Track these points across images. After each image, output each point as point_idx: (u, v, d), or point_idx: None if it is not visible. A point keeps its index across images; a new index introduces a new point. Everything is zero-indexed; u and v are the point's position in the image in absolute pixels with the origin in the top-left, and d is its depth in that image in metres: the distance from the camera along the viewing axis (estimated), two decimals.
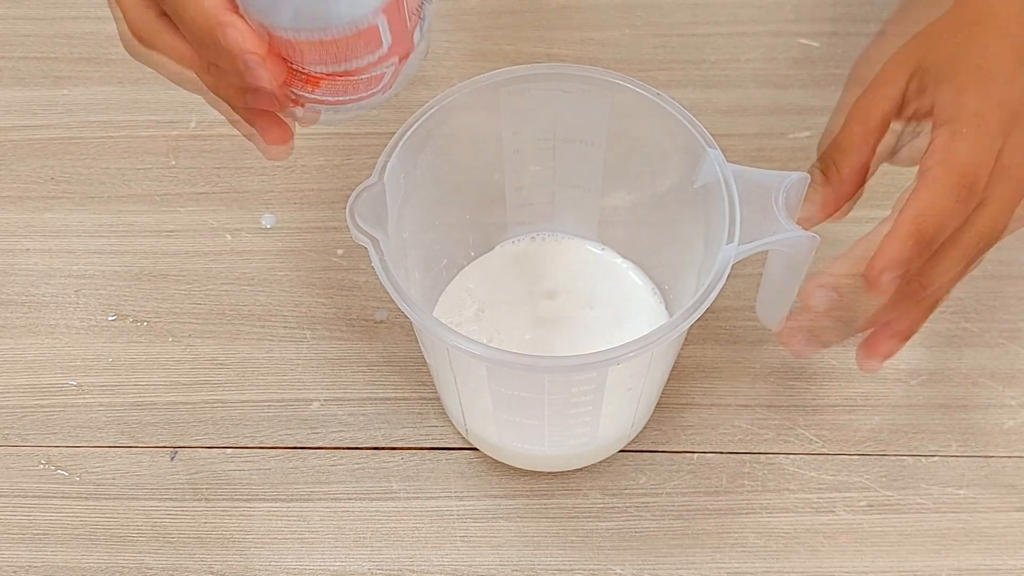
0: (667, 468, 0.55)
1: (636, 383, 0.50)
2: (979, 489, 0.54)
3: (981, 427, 0.56)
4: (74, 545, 0.53)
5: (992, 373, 0.57)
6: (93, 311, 0.59)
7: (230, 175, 0.63)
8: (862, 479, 0.54)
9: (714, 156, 0.47)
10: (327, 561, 0.53)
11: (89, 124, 0.65)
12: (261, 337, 0.58)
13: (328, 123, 0.43)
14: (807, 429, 0.56)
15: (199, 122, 0.65)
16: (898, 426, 0.56)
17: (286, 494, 0.54)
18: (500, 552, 0.53)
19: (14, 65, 0.67)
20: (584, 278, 0.57)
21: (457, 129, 0.50)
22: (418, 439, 0.56)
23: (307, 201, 0.62)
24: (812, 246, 0.46)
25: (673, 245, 0.53)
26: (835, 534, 0.53)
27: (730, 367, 0.57)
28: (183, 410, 0.57)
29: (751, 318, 0.54)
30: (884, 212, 0.45)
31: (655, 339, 0.44)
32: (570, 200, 0.56)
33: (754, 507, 0.54)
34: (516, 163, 0.53)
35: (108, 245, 0.61)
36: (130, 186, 0.63)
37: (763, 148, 0.63)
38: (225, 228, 0.62)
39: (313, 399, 0.57)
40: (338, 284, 0.60)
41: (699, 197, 0.48)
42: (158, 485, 0.55)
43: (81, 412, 0.57)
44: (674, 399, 0.56)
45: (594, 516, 0.54)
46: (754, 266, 0.50)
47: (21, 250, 0.61)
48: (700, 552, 0.53)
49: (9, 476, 0.55)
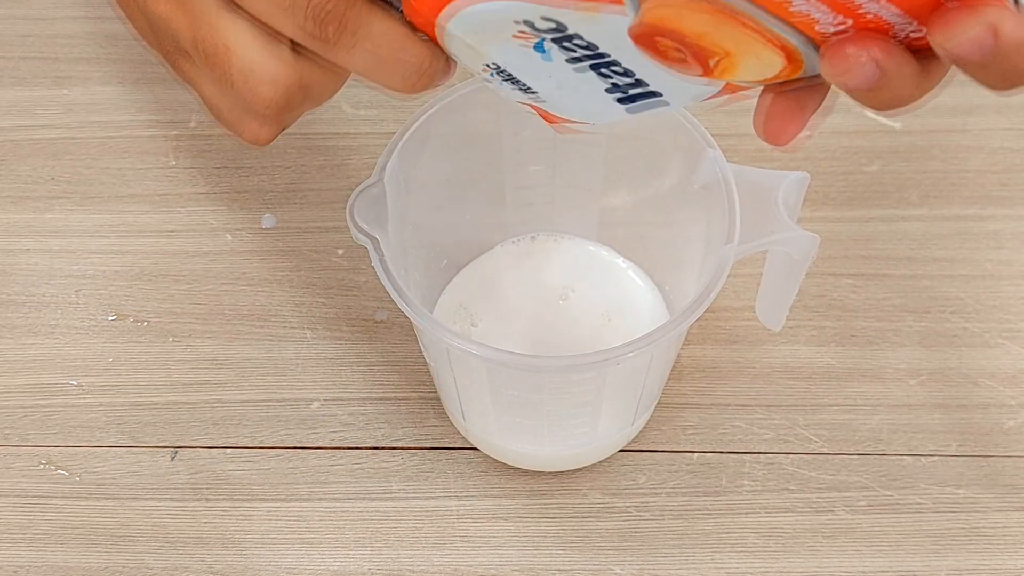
0: (667, 468, 0.55)
1: (636, 383, 0.50)
2: (979, 489, 0.54)
3: (981, 427, 0.56)
4: (74, 545, 0.53)
5: (992, 373, 0.57)
6: (93, 311, 0.59)
7: (230, 175, 0.63)
8: (862, 479, 0.54)
9: (714, 156, 0.47)
10: (327, 561, 0.53)
11: (89, 124, 0.65)
12: (261, 337, 0.58)
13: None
14: (807, 429, 0.56)
15: (199, 122, 0.65)
16: (898, 426, 0.56)
17: (286, 494, 0.54)
18: (500, 552, 0.53)
19: (14, 65, 0.67)
20: (584, 278, 0.57)
21: (457, 129, 0.50)
22: (418, 439, 0.56)
23: (307, 201, 0.62)
24: (812, 246, 0.46)
25: (673, 245, 0.53)
26: (835, 534, 0.53)
27: (730, 367, 0.57)
28: (183, 410, 0.57)
29: (751, 318, 0.54)
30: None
31: (655, 339, 0.44)
32: (570, 200, 0.56)
33: (754, 507, 0.54)
34: (516, 163, 0.53)
35: (108, 245, 0.61)
36: (130, 186, 0.63)
37: (763, 148, 0.62)
38: (225, 228, 0.62)
39: (313, 399, 0.57)
40: (338, 284, 0.60)
41: (699, 197, 0.48)
42: (158, 485, 0.55)
43: (81, 412, 0.57)
44: (674, 399, 0.56)
45: (594, 516, 0.54)
46: (754, 266, 0.50)
47: (21, 250, 0.61)
48: (700, 552, 0.53)
49: (9, 476, 0.55)
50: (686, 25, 0.33)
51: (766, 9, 0.32)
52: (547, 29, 0.35)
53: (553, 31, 0.35)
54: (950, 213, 0.61)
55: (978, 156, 0.63)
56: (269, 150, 0.64)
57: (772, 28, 0.33)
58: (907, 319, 0.58)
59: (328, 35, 0.35)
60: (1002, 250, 0.60)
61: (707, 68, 0.35)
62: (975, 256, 0.60)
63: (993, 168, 0.63)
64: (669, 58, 0.35)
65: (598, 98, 0.38)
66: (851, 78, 0.33)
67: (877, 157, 0.63)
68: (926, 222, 0.61)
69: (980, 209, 0.61)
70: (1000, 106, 0.65)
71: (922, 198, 0.62)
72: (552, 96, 0.39)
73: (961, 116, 0.64)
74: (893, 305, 0.59)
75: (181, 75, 0.40)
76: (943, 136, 0.64)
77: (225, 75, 0.37)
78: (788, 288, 0.49)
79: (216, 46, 0.36)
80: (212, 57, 0.37)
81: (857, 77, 0.33)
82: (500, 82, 0.39)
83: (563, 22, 0.34)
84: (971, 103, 0.64)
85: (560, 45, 0.36)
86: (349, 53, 0.36)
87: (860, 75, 0.33)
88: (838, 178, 0.62)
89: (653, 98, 0.38)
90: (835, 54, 0.33)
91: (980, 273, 0.60)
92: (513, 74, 0.38)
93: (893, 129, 0.64)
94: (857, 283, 0.59)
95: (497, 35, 0.36)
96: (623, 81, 0.37)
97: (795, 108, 0.37)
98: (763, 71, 0.35)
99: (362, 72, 0.37)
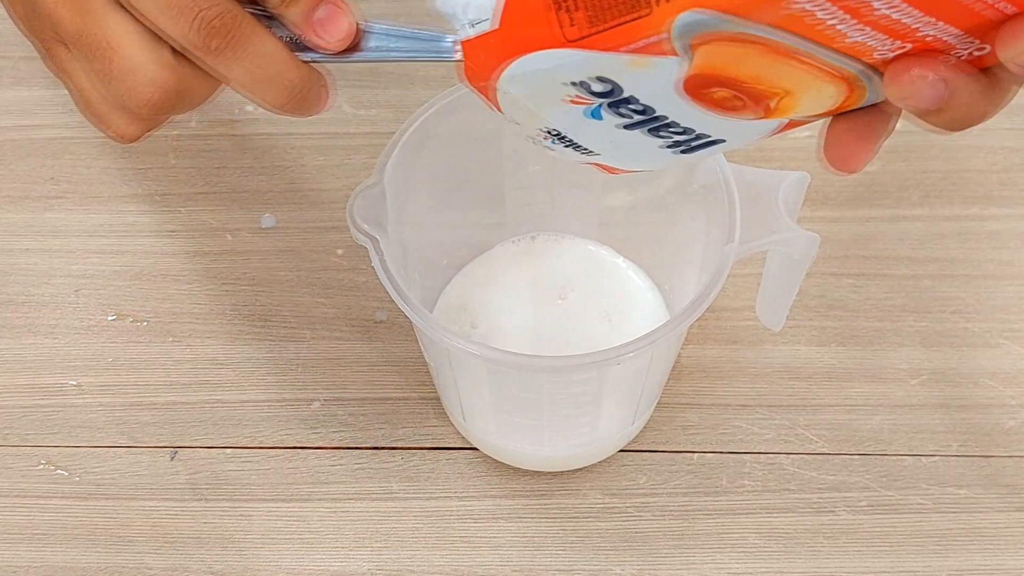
0: (667, 468, 0.55)
1: (636, 383, 0.50)
2: (979, 489, 0.54)
3: (981, 427, 0.56)
4: (74, 545, 0.53)
5: (992, 373, 0.57)
6: (93, 311, 0.59)
7: (230, 175, 0.63)
8: (862, 479, 0.54)
9: (714, 156, 0.47)
10: (327, 561, 0.53)
11: (89, 124, 0.65)
12: (261, 337, 0.58)
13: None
14: (807, 429, 0.56)
15: (199, 122, 0.65)
16: (898, 426, 0.56)
17: (286, 494, 0.54)
18: (500, 552, 0.53)
19: (14, 65, 0.67)
20: (584, 278, 0.57)
21: (457, 129, 0.50)
22: (418, 439, 0.56)
23: (307, 201, 0.62)
24: (812, 246, 0.46)
25: (673, 245, 0.53)
26: (835, 534, 0.53)
27: (730, 367, 0.57)
28: (183, 410, 0.57)
29: (751, 318, 0.54)
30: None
31: (655, 339, 0.44)
32: (570, 200, 0.55)
33: (754, 507, 0.54)
34: (516, 163, 0.53)
35: (108, 245, 0.61)
36: (130, 186, 0.63)
37: (763, 148, 0.63)
38: (225, 228, 0.62)
39: (313, 399, 0.57)
40: (338, 284, 0.60)
41: (699, 197, 0.48)
42: (158, 485, 0.55)
43: (81, 412, 0.57)
44: (674, 399, 0.56)
45: (594, 516, 0.54)
46: (754, 266, 0.50)
47: (21, 250, 0.61)
48: (700, 552, 0.53)
49: (9, 476, 0.55)
50: (741, 70, 0.33)
51: (820, 44, 0.31)
52: (600, 92, 0.35)
53: (606, 95, 0.35)
54: (950, 213, 0.61)
55: (978, 156, 0.63)
56: (269, 150, 0.64)
57: (829, 60, 0.32)
58: (908, 319, 0.58)
59: (212, 47, 0.36)
60: (1002, 250, 0.60)
61: (768, 110, 0.34)
62: (975, 256, 0.60)
63: (993, 168, 0.63)
64: (727, 107, 0.34)
65: (658, 152, 0.38)
66: (919, 99, 0.32)
67: (878, 157, 0.63)
68: (926, 222, 0.61)
69: (980, 209, 0.61)
70: None
71: (922, 198, 0.62)
72: (611, 154, 0.39)
73: None
74: (894, 305, 0.59)
75: (55, 63, 0.40)
76: (943, 136, 0.64)
77: (105, 71, 0.37)
78: (788, 288, 0.49)
79: (100, 42, 0.37)
80: (95, 51, 0.37)
81: (925, 98, 0.32)
82: (560, 147, 0.39)
83: (616, 81, 0.34)
84: None
85: (615, 111, 0.36)
86: (229, 66, 0.37)
87: (928, 95, 0.32)
88: (838, 178, 0.62)
89: (714, 144, 0.38)
90: (900, 76, 0.32)
91: (980, 273, 0.60)
92: (571, 138, 0.38)
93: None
94: (857, 283, 0.59)
95: (551, 97, 0.36)
96: (683, 138, 0.37)
97: (865, 135, 0.37)
98: (824, 103, 0.35)
99: (238, 85, 0.38)
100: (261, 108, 0.39)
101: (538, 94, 0.36)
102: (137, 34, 0.37)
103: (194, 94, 0.38)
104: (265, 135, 0.65)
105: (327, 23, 0.37)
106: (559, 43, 0.33)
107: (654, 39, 0.32)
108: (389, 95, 0.65)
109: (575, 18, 0.33)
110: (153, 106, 0.38)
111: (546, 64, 0.34)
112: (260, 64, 0.37)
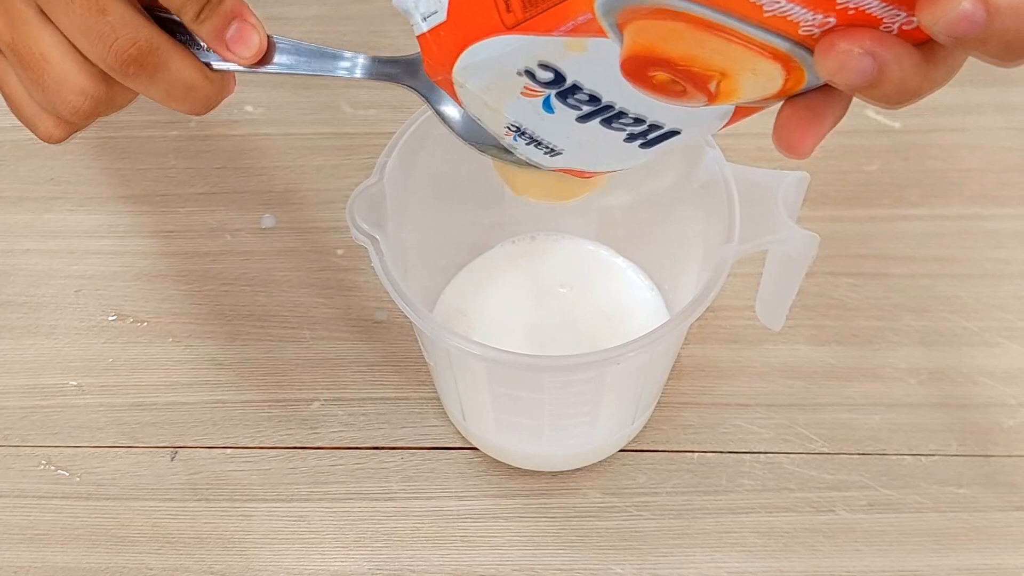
0: (666, 468, 0.55)
1: (635, 382, 0.50)
2: (979, 488, 0.54)
3: (981, 426, 0.56)
4: (74, 545, 0.53)
5: (992, 372, 0.57)
6: (93, 311, 0.59)
7: (229, 175, 0.63)
8: (862, 478, 0.54)
9: (713, 156, 0.47)
10: (327, 561, 0.53)
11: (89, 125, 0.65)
12: (261, 337, 0.58)
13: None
14: (807, 428, 0.56)
15: (199, 122, 0.65)
16: (898, 425, 0.56)
17: (286, 494, 0.54)
18: (500, 552, 0.53)
19: None
20: (583, 278, 0.57)
21: None
22: (418, 439, 0.56)
23: (307, 201, 0.62)
24: (812, 245, 0.46)
25: (673, 245, 0.53)
26: (835, 533, 0.53)
27: (730, 367, 0.57)
28: (183, 410, 0.57)
29: (751, 318, 0.54)
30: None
31: (655, 338, 0.44)
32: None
33: (754, 507, 0.54)
34: None
35: (108, 245, 0.61)
36: (130, 186, 0.63)
37: (763, 148, 0.63)
38: (225, 228, 0.62)
39: (313, 399, 0.57)
40: (338, 284, 0.60)
41: (699, 197, 0.48)
42: (158, 485, 0.55)
43: (81, 412, 0.57)
44: (674, 399, 0.56)
45: (594, 516, 0.54)
46: (754, 266, 0.50)
47: (21, 250, 0.61)
48: (700, 552, 0.53)
49: (9, 476, 0.55)
50: (671, 49, 0.33)
51: (740, 15, 0.31)
52: (546, 81, 0.35)
53: (552, 83, 0.35)
54: (950, 212, 0.61)
55: (977, 155, 0.63)
56: (269, 150, 0.64)
57: (755, 36, 0.32)
58: (907, 318, 0.58)
59: (129, 72, 0.39)
60: (1002, 249, 0.60)
61: (709, 94, 0.35)
62: (975, 255, 0.60)
63: (992, 167, 0.63)
64: (670, 92, 0.35)
65: (620, 148, 0.38)
66: (848, 74, 0.32)
67: (877, 156, 0.63)
68: (926, 221, 0.61)
69: (980, 208, 0.61)
70: (999, 105, 0.65)
71: (922, 197, 0.62)
72: (577, 153, 0.40)
73: (960, 115, 0.64)
74: (893, 304, 0.59)
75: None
76: (942, 135, 0.64)
77: (38, 80, 0.40)
78: (788, 288, 0.49)
79: (33, 54, 0.40)
80: (28, 62, 0.40)
81: (854, 72, 0.32)
82: (522, 144, 0.39)
83: (559, 67, 0.34)
84: (970, 102, 0.65)
85: (565, 102, 0.36)
86: (146, 88, 0.40)
87: (856, 70, 0.32)
88: (838, 178, 0.62)
89: (673, 136, 0.38)
90: (827, 52, 0.32)
91: (980, 272, 0.60)
92: (532, 134, 0.39)
93: (893, 129, 0.64)
94: (857, 282, 0.59)
95: (505, 89, 0.36)
96: (638, 129, 0.37)
97: (811, 118, 0.36)
98: (765, 85, 0.35)
99: (156, 101, 0.41)
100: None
101: (492, 87, 0.36)
102: (67, 47, 0.39)
103: (121, 100, 0.41)
104: (265, 135, 0.65)
105: (238, 40, 0.40)
106: (500, 29, 0.34)
107: (581, 19, 0.32)
108: (389, 95, 0.65)
109: (511, 4, 0.33)
110: (83, 113, 0.41)
111: (492, 52, 0.35)
112: (174, 84, 0.40)
